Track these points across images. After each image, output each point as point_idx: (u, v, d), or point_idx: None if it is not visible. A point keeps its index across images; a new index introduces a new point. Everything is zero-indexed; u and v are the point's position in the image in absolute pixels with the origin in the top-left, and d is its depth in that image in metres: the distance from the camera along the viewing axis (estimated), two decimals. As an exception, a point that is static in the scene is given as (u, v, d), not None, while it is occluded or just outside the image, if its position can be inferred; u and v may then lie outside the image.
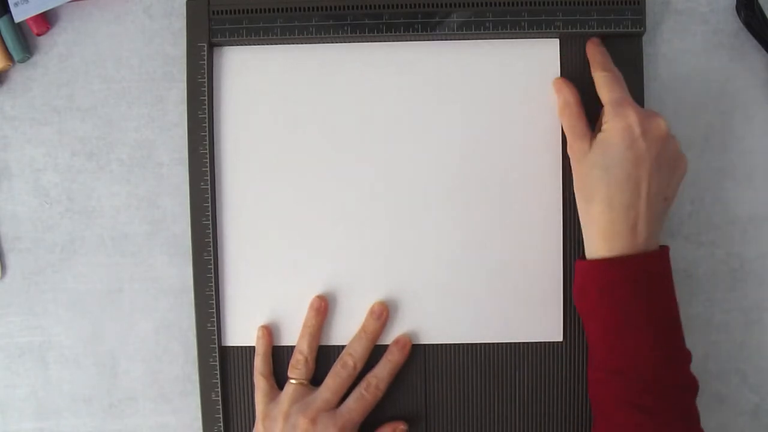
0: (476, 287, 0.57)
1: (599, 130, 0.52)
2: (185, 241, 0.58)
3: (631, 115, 0.50)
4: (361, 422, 0.55)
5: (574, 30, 0.56)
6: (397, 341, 0.57)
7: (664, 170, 0.51)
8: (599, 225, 0.51)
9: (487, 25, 0.56)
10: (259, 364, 0.57)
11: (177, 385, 0.59)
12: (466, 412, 0.57)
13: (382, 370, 0.56)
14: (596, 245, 0.51)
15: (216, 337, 0.57)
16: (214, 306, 0.57)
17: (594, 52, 0.55)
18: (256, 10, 0.56)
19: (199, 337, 0.57)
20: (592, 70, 0.55)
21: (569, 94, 0.54)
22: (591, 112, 0.55)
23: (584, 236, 0.53)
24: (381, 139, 0.57)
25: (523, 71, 0.57)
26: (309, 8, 0.56)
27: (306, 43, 0.57)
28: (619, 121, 0.50)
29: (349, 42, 0.57)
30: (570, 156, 0.54)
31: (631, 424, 0.49)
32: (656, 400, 0.49)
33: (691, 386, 0.51)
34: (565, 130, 0.54)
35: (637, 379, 0.49)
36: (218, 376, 0.57)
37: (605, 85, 0.53)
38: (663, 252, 0.52)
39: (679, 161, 0.52)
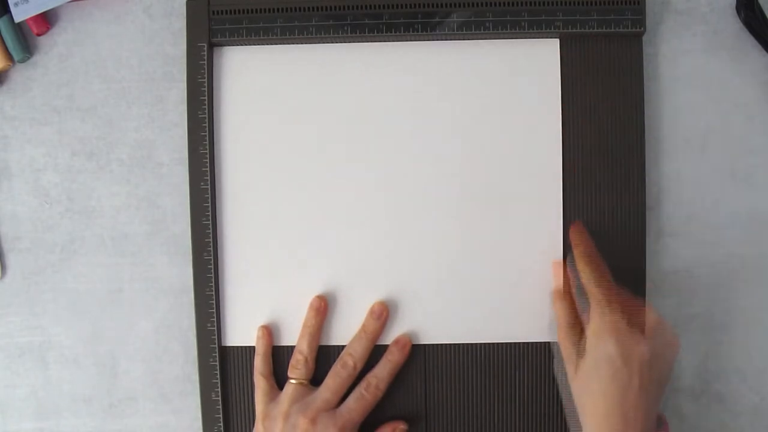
0: (476, 287, 0.57)
1: (584, 350, 0.51)
2: (185, 241, 0.58)
3: (611, 346, 0.49)
4: (361, 422, 0.55)
5: (574, 30, 0.56)
6: (397, 341, 0.57)
7: (653, 377, 0.49)
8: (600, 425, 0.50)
9: (487, 25, 0.56)
10: (259, 364, 0.57)
11: (177, 385, 0.59)
12: (466, 412, 0.57)
13: (382, 370, 0.56)
14: None
15: (216, 337, 0.57)
16: (214, 306, 0.57)
17: (576, 241, 0.55)
18: (256, 10, 0.56)
19: (199, 337, 0.57)
20: (576, 261, 0.54)
21: (561, 313, 0.54)
22: (595, 118, 0.54)
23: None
24: (381, 139, 0.57)
25: (523, 71, 0.57)
26: (309, 8, 0.56)
27: (306, 43, 0.57)
28: (599, 352, 0.50)
29: (349, 42, 0.57)
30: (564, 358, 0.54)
31: None
32: None
33: None
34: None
35: None
36: (218, 376, 0.57)
37: (594, 306, 0.51)
38: None
39: (671, 346, 0.51)
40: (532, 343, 0.57)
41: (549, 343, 0.57)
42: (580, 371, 0.51)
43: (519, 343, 0.57)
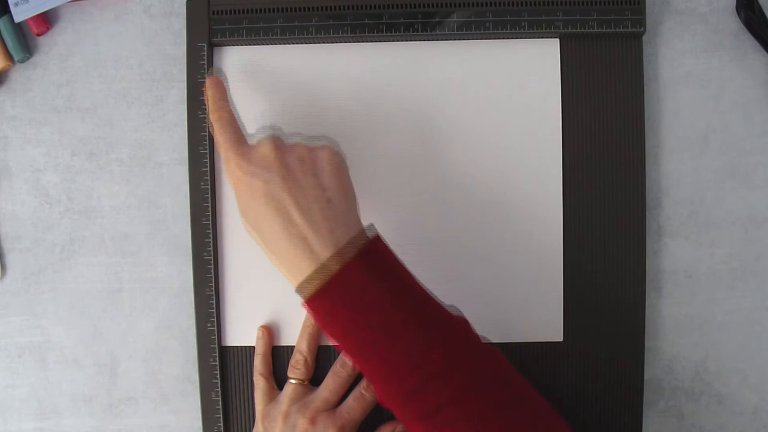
0: (476, 287, 0.57)
1: None
2: (185, 241, 0.58)
3: (233, 165, 0.48)
4: (360, 422, 0.55)
5: (574, 30, 0.56)
6: (397, 341, 0.57)
7: (302, 181, 0.47)
8: (289, 271, 0.47)
9: (487, 25, 0.56)
10: (259, 364, 0.57)
11: (177, 385, 0.59)
12: (466, 412, 0.57)
13: (382, 370, 0.56)
14: (301, 289, 0.47)
15: (216, 337, 0.57)
16: (214, 306, 0.57)
17: (206, 88, 0.53)
18: (256, 10, 0.56)
19: (199, 337, 0.57)
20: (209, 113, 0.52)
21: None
22: (595, 118, 0.54)
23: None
24: (380, 139, 0.57)
25: (523, 71, 0.57)
26: (309, 8, 0.56)
27: (306, 43, 0.57)
28: (230, 179, 0.49)
29: (349, 42, 0.57)
30: None
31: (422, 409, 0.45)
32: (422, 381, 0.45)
33: (454, 323, 0.47)
34: None
35: (407, 392, 0.45)
36: (218, 376, 0.57)
37: (214, 135, 0.51)
38: (361, 253, 0.46)
39: (317, 158, 0.48)
40: (532, 343, 0.57)
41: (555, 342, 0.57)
42: (240, 217, 0.49)
43: (519, 343, 0.57)
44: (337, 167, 0.48)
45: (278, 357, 0.58)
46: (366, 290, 0.46)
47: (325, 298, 0.46)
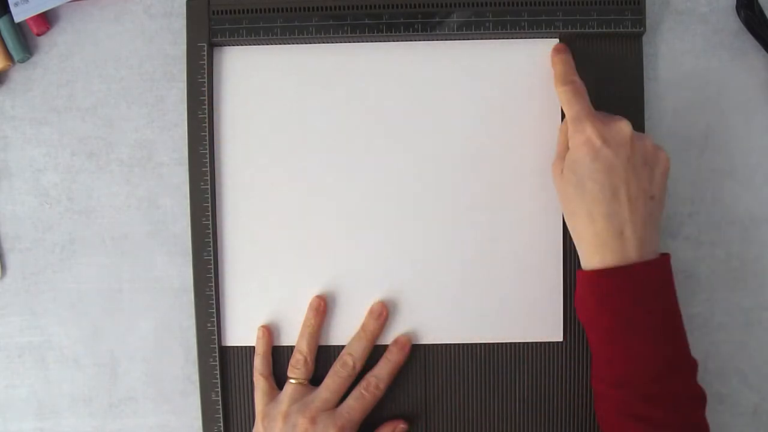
0: (476, 287, 0.57)
1: (568, 148, 0.52)
2: (185, 241, 0.58)
3: (588, 128, 0.50)
4: (360, 422, 0.55)
5: (574, 30, 0.56)
6: (397, 341, 0.57)
7: (640, 170, 0.50)
8: (586, 239, 0.51)
9: (487, 25, 0.56)
10: (259, 364, 0.57)
11: (177, 385, 0.59)
12: (466, 412, 0.57)
13: (382, 370, 0.56)
14: (588, 258, 0.51)
15: (216, 337, 0.57)
16: (214, 306, 0.57)
17: (555, 62, 0.55)
18: (256, 10, 0.56)
19: (199, 337, 0.57)
20: (555, 83, 0.55)
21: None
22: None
23: (577, 250, 0.53)
24: (381, 139, 0.57)
25: (523, 71, 0.57)
26: (309, 8, 0.56)
27: (306, 43, 0.57)
28: (578, 137, 0.51)
29: (349, 42, 0.57)
30: (552, 175, 0.54)
31: None
32: (658, 410, 0.49)
33: (697, 396, 0.51)
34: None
35: (636, 389, 0.49)
36: (218, 376, 0.57)
37: (566, 101, 0.53)
38: (661, 261, 0.51)
39: (657, 156, 0.51)
40: (532, 343, 0.57)
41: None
42: (566, 166, 0.52)
43: (519, 343, 0.57)
44: (668, 170, 0.52)
45: (278, 357, 0.58)
46: (657, 291, 0.50)
47: (616, 277, 0.50)
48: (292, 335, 0.57)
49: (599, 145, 0.50)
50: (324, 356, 0.57)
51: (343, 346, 0.57)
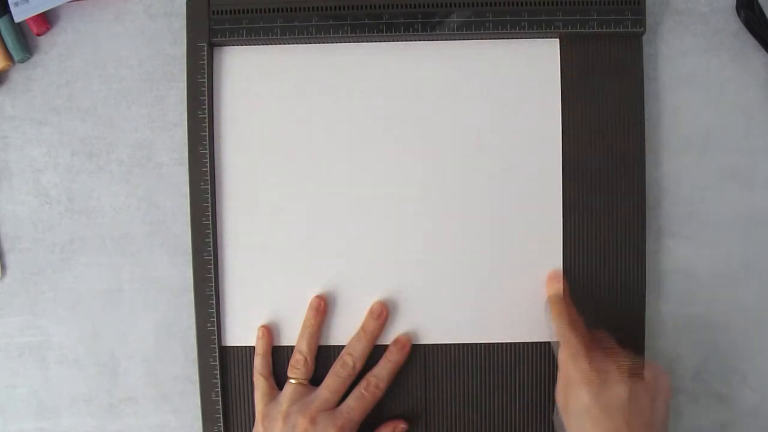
0: (476, 287, 0.57)
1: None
2: (185, 241, 0.58)
3: (584, 396, 0.49)
4: (360, 422, 0.55)
5: (574, 30, 0.56)
6: (397, 341, 0.57)
7: (640, 407, 0.48)
8: None
9: (487, 25, 0.56)
10: (259, 364, 0.57)
11: (177, 385, 0.59)
12: (466, 412, 0.57)
13: (382, 370, 0.56)
14: None
15: (216, 337, 0.57)
16: (214, 306, 0.57)
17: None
18: (256, 10, 0.56)
19: (199, 337, 0.57)
20: (550, 307, 0.54)
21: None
22: (595, 118, 0.54)
23: None
24: (381, 139, 0.57)
25: (523, 71, 0.57)
26: (309, 8, 0.56)
27: (306, 43, 0.57)
28: (576, 404, 0.49)
29: (349, 42, 0.57)
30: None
31: None
32: None
33: None
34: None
35: None
36: (218, 376, 0.57)
37: (562, 362, 0.52)
38: None
39: (658, 386, 0.50)
40: (532, 343, 0.57)
41: (550, 343, 0.57)
42: (567, 424, 0.51)
43: (519, 343, 0.57)
44: (670, 397, 0.50)
45: (278, 357, 0.58)
46: None
47: None
48: (292, 335, 0.57)
49: (596, 414, 0.48)
50: (324, 356, 0.57)
51: (343, 346, 0.57)
